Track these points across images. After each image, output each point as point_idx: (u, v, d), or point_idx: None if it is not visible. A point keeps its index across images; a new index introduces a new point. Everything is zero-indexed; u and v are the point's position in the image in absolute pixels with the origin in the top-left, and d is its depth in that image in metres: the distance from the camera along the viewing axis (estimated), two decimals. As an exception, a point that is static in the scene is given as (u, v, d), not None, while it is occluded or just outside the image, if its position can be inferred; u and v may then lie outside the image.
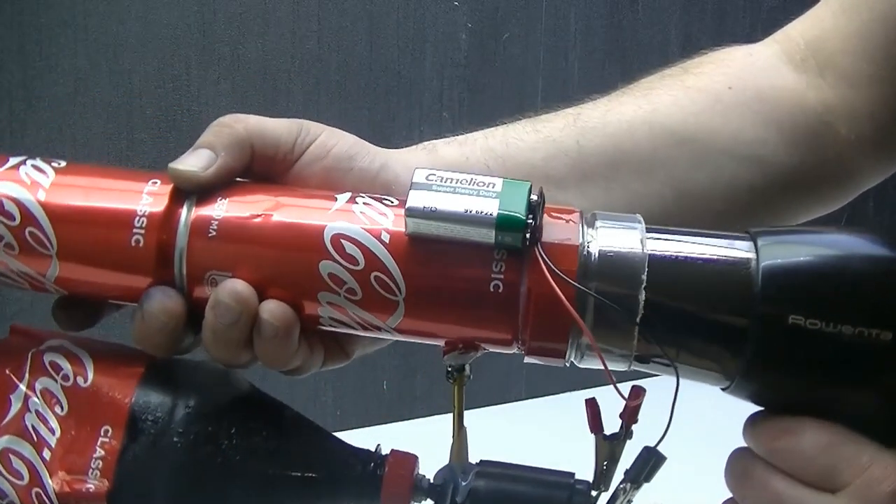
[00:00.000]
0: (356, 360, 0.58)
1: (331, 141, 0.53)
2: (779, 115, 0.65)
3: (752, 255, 0.46)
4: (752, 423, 0.48)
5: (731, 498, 0.49)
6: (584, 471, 0.51)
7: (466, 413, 0.57)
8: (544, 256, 0.45)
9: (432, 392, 1.60)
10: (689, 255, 0.47)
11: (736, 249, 0.47)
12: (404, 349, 1.67)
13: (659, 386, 0.52)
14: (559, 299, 0.44)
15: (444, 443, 0.56)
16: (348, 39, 1.26)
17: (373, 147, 0.55)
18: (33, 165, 0.49)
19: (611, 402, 0.50)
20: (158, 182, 0.48)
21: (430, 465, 0.62)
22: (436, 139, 0.61)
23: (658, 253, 0.46)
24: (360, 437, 0.57)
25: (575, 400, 0.64)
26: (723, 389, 0.48)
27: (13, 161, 0.49)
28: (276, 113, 0.57)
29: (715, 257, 0.47)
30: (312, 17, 1.22)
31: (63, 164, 0.50)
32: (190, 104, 1.27)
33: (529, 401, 1.72)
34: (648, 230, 0.47)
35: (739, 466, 0.48)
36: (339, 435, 0.54)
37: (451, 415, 0.55)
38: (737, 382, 0.47)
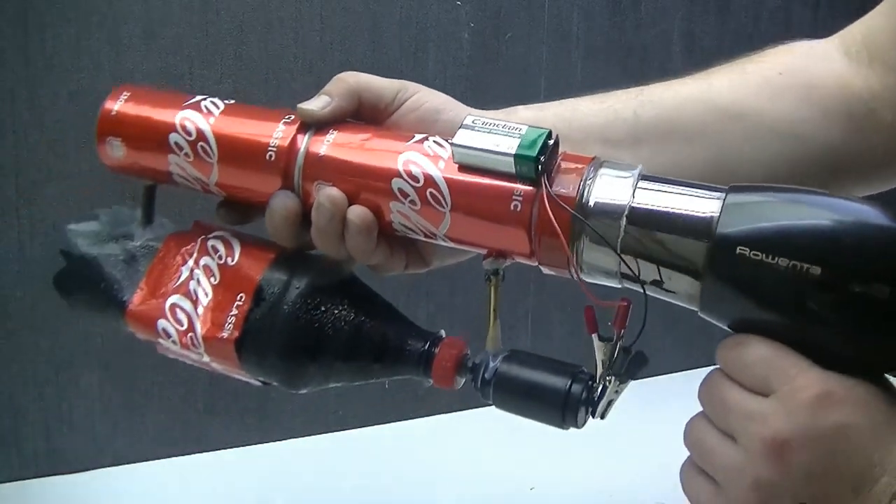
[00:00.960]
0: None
1: (424, 98, 0.67)
2: (825, 100, 0.73)
3: (719, 202, 0.56)
4: (720, 342, 0.57)
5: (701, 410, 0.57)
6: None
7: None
8: (548, 185, 0.58)
9: (434, 392, 1.60)
10: (667, 200, 0.57)
11: (709, 199, 0.56)
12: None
13: (655, 385, 0.53)
14: (552, 219, 0.57)
15: (445, 442, 0.57)
16: (351, 38, 1.26)
17: (461, 105, 0.69)
18: (211, 101, 0.69)
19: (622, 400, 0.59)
20: (292, 117, 0.67)
21: (432, 464, 0.62)
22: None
23: (643, 193, 0.57)
24: (361, 437, 0.58)
25: (576, 400, 0.64)
26: (698, 313, 0.57)
27: (198, 98, 0.69)
28: (278, 112, 0.59)
29: (688, 207, 0.56)
30: (315, 17, 1.22)
31: (232, 101, 0.69)
32: (192, 103, 1.27)
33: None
34: (643, 178, 0.59)
35: (706, 379, 0.57)
36: (339, 434, 0.57)
37: (451, 413, 0.60)
38: (700, 304, 0.57)
